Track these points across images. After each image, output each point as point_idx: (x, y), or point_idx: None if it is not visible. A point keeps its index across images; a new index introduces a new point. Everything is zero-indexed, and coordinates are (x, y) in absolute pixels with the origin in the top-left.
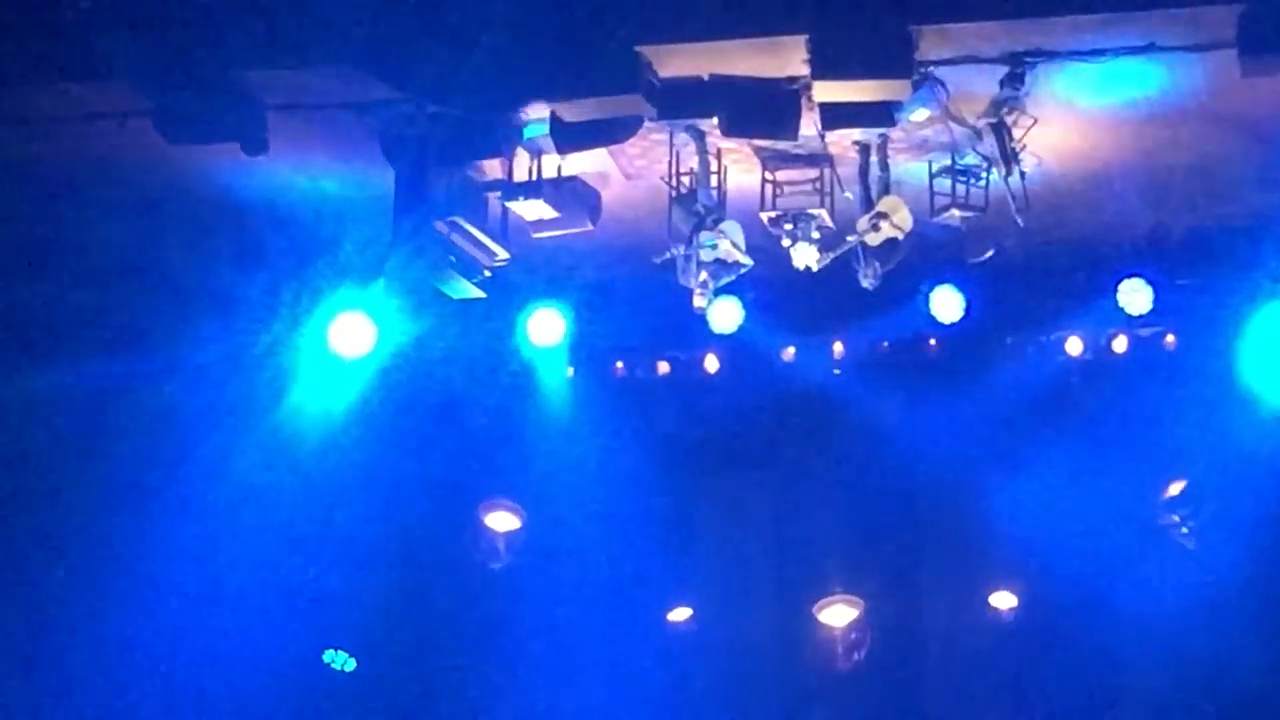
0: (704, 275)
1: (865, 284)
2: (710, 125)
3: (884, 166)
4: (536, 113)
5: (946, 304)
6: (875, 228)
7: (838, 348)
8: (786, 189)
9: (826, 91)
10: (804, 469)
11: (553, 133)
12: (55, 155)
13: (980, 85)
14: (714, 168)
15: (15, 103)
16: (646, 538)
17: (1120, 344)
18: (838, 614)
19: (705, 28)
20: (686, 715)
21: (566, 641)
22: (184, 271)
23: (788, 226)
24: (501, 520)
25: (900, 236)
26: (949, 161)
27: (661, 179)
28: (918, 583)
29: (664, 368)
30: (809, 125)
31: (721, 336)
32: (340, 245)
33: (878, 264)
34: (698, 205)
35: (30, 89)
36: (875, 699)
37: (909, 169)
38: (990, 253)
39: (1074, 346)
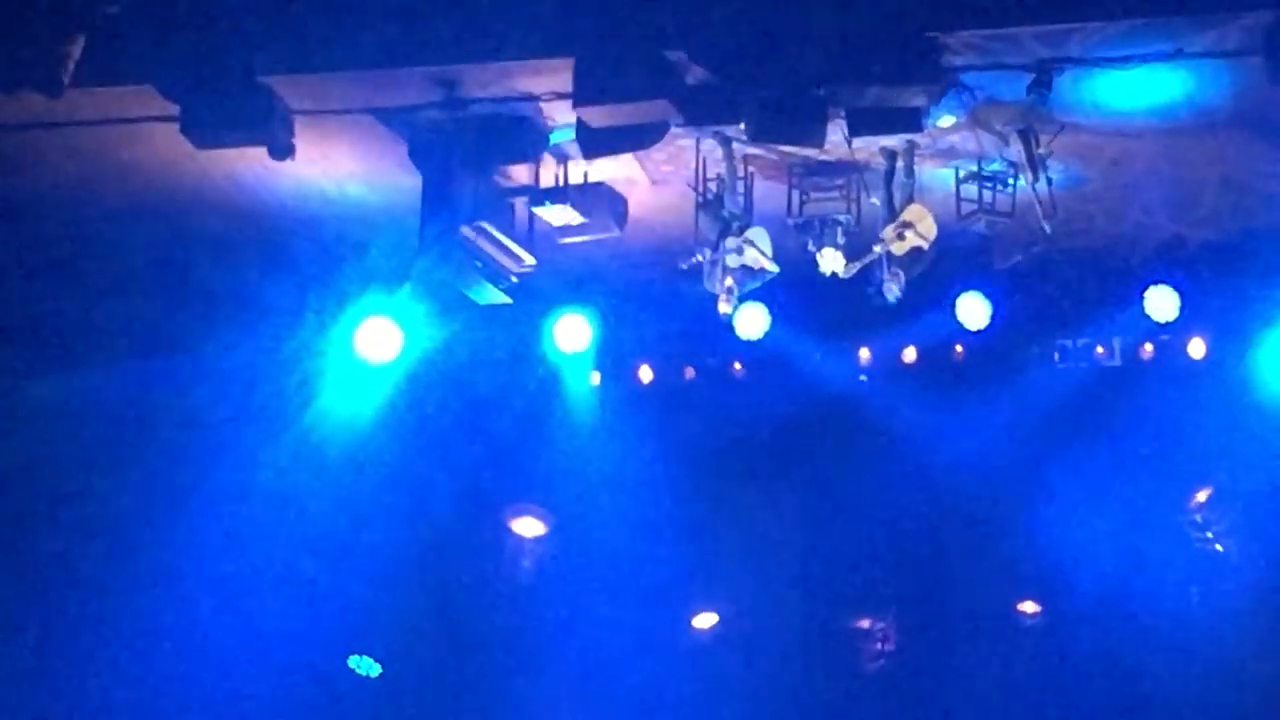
0: (730, 281)
1: (889, 296)
2: (737, 131)
3: (910, 173)
4: (563, 117)
5: (973, 310)
6: (900, 237)
7: (864, 354)
8: (813, 195)
9: (854, 97)
10: (829, 475)
11: (579, 138)
12: (82, 160)
13: (1007, 91)
14: (741, 174)
15: (43, 108)
16: (672, 543)
17: (1146, 351)
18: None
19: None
20: None
21: (591, 647)
22: (211, 276)
23: (814, 233)
24: (528, 526)
25: (925, 246)
26: (976, 168)
27: (688, 185)
28: (944, 589)
29: (690, 373)
30: (836, 132)
31: (747, 342)
32: (367, 250)
33: (902, 273)
34: (724, 211)
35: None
36: (901, 704)
37: (936, 175)
38: (1017, 259)
39: (1100, 353)
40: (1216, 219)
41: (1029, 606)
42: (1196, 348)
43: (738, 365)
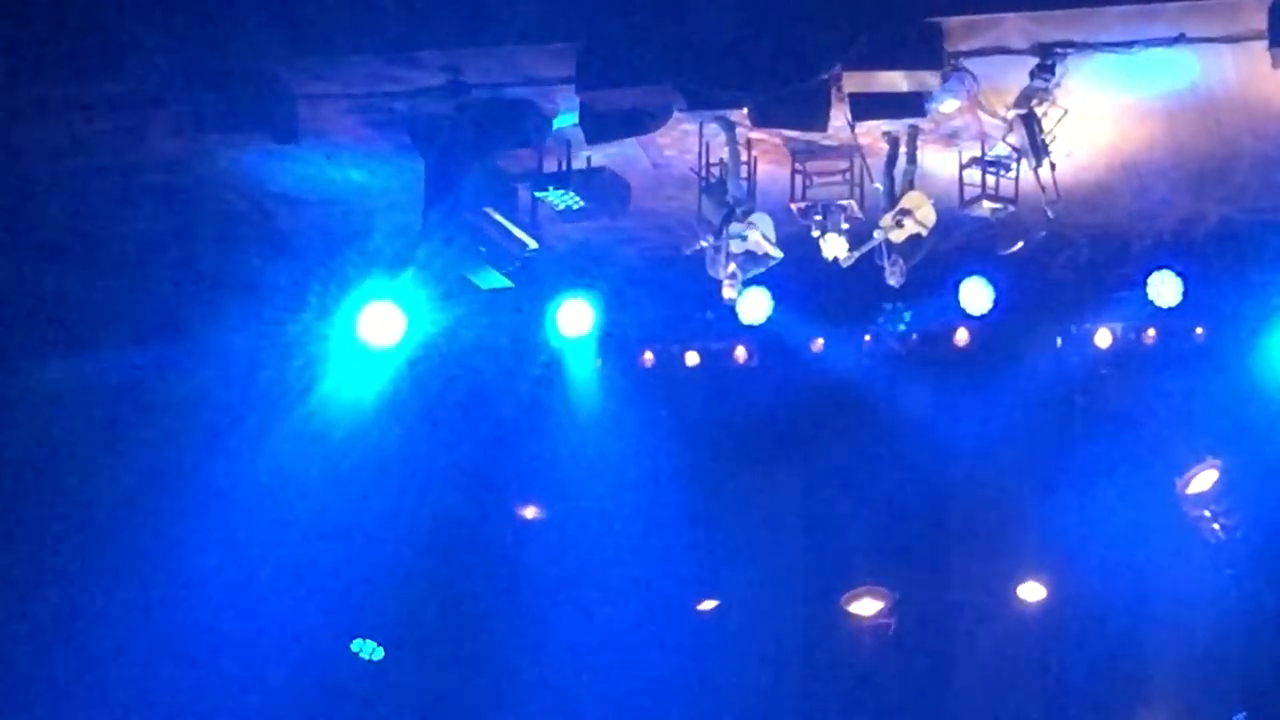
0: (733, 267)
1: (891, 281)
2: (740, 116)
3: (912, 158)
4: (567, 103)
5: (976, 295)
6: (899, 224)
7: (867, 339)
8: (816, 180)
9: (856, 82)
10: (832, 460)
11: (582, 123)
12: (85, 145)
13: (1010, 76)
14: (744, 158)
15: (47, 94)
16: (674, 528)
17: (1149, 336)
18: (865, 605)
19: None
20: (714, 706)
21: (594, 632)
22: (214, 261)
23: (817, 217)
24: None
25: (924, 233)
26: (979, 153)
27: (691, 170)
28: (946, 574)
29: (693, 358)
30: (839, 116)
31: (750, 327)
32: (370, 235)
33: (902, 260)
34: (727, 196)
35: (61, 80)
36: (903, 691)
37: (938, 160)
38: (1020, 244)
39: (1103, 338)
40: (1219, 204)
41: (1031, 589)
42: (1199, 333)
43: (741, 350)
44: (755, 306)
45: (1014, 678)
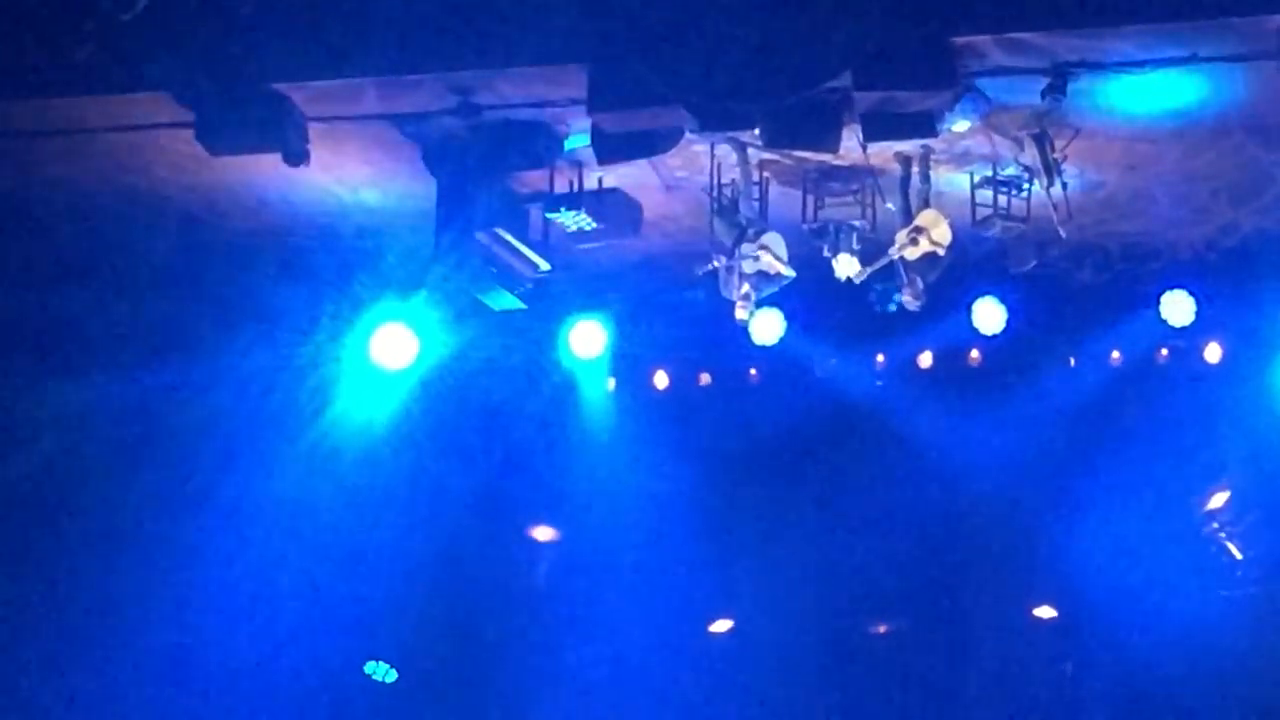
0: (746, 287)
1: (909, 304)
2: (751, 137)
3: (925, 178)
4: (578, 124)
5: (989, 315)
6: (914, 242)
7: (879, 359)
8: (828, 200)
9: (868, 103)
10: (845, 480)
11: (594, 144)
12: (97, 167)
13: (1022, 96)
14: (755, 179)
15: (57, 115)
16: (687, 550)
17: (1162, 356)
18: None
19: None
20: None
21: (607, 654)
22: (226, 283)
23: (829, 238)
24: (542, 531)
25: (940, 251)
26: (990, 172)
27: (703, 190)
28: (960, 595)
29: (705, 379)
30: (850, 137)
31: (763, 348)
32: (382, 257)
33: (918, 278)
34: (739, 217)
35: (72, 101)
36: (918, 713)
37: (950, 180)
38: (1032, 264)
39: (1116, 358)
40: (1232, 224)
41: (1045, 611)
42: (1212, 352)
43: (753, 371)
44: (768, 327)
45: (1030, 699)
